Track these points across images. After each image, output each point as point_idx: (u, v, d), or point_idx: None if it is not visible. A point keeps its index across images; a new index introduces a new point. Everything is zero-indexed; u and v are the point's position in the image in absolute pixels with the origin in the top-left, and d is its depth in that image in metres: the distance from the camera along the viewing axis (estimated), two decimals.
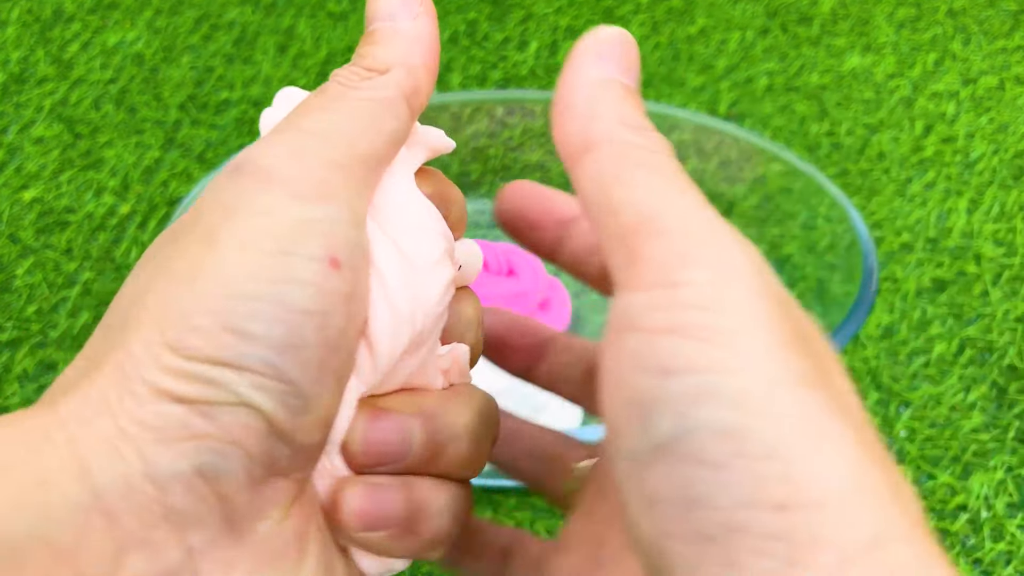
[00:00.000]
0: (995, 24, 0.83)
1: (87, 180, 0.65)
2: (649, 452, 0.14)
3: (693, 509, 0.14)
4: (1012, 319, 0.57)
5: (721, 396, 0.14)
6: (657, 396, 0.14)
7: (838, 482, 0.13)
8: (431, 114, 0.62)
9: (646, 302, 0.15)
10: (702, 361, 0.14)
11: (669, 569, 0.14)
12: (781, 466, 0.13)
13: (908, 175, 0.67)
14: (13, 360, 0.53)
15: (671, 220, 0.16)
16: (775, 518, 0.13)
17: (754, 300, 0.15)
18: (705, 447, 0.14)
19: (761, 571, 0.13)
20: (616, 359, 0.15)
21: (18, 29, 0.80)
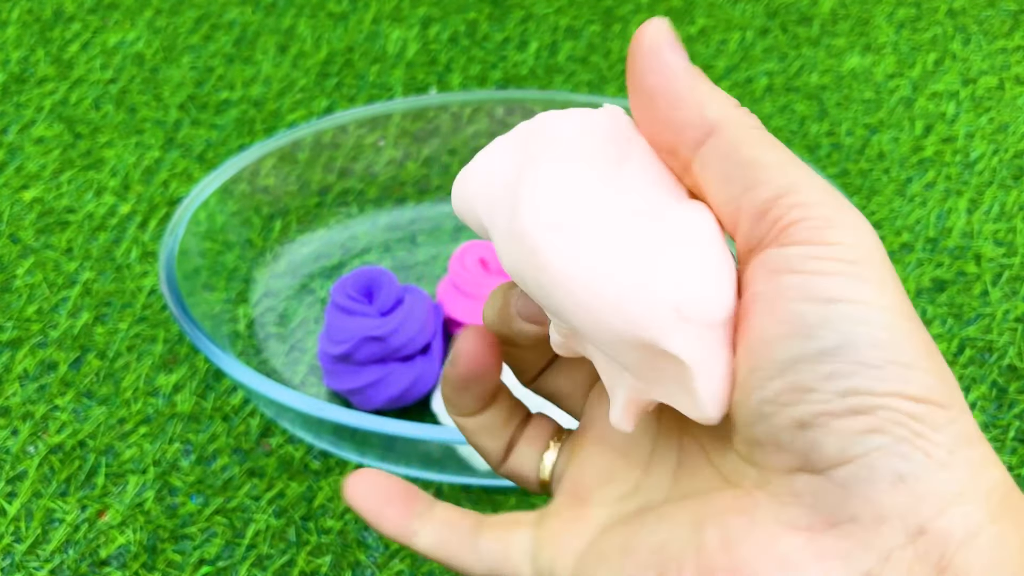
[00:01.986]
0: (995, 24, 0.83)
1: (87, 180, 0.65)
2: (813, 356, 0.18)
3: (849, 395, 0.18)
4: (1012, 319, 0.57)
5: (874, 320, 0.18)
6: (823, 316, 0.18)
7: (957, 395, 0.19)
8: (431, 114, 0.62)
9: (804, 252, 0.19)
10: (859, 295, 0.19)
11: (821, 443, 0.18)
12: (920, 374, 0.18)
13: (908, 175, 0.67)
14: (13, 360, 0.53)
15: (810, 193, 0.19)
16: (912, 405, 0.18)
17: (886, 262, 0.19)
18: (863, 354, 0.18)
19: (898, 436, 0.18)
20: (774, 292, 0.19)
21: (18, 29, 0.80)
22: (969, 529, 0.18)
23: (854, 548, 0.18)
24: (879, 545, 0.18)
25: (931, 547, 0.18)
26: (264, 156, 0.57)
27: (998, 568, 0.18)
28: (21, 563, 0.44)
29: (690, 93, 0.20)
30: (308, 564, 0.44)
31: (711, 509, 0.21)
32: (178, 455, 0.48)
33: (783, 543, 0.19)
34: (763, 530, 0.19)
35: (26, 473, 0.48)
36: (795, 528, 0.19)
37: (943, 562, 0.18)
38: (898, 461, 0.18)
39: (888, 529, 0.18)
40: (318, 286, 0.58)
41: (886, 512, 0.18)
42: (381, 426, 0.41)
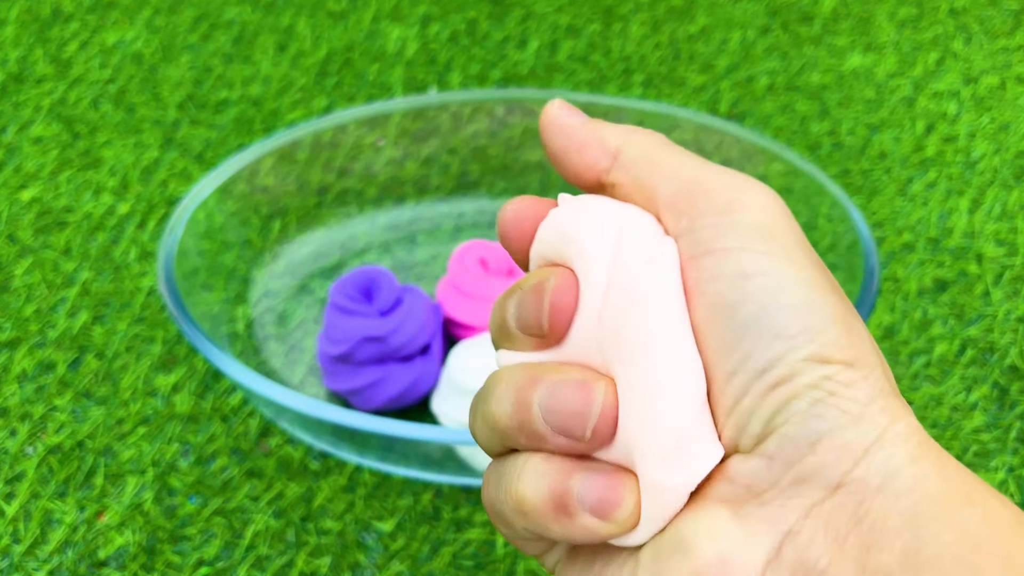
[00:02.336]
0: (996, 23, 0.83)
1: (86, 180, 0.65)
2: (732, 337, 0.19)
3: (768, 370, 0.19)
4: (1014, 319, 0.57)
5: (785, 289, 0.19)
6: (740, 293, 0.19)
7: (871, 353, 0.20)
8: (431, 114, 0.62)
9: (713, 234, 0.20)
10: (769, 266, 0.20)
11: (746, 425, 0.19)
12: (832, 336, 0.19)
13: (909, 175, 0.67)
14: (12, 360, 0.53)
15: (711, 181, 0.21)
16: (826, 368, 0.19)
17: (794, 231, 0.21)
18: (776, 322, 0.19)
19: (813, 399, 0.19)
20: (694, 277, 0.20)
21: (17, 28, 0.80)
22: (886, 473, 0.18)
23: (774, 511, 0.19)
24: (798, 504, 0.19)
25: (847, 498, 0.18)
26: (263, 156, 0.57)
27: (915, 511, 0.18)
28: (19, 564, 0.44)
29: (589, 134, 0.23)
30: (307, 565, 0.44)
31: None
32: (177, 456, 0.48)
33: (709, 515, 0.20)
34: (693, 507, 0.20)
35: (24, 474, 0.47)
36: (721, 501, 0.20)
37: (860, 511, 0.18)
38: (814, 422, 0.19)
39: (807, 488, 0.19)
40: (317, 286, 0.58)
41: (805, 473, 0.19)
42: (381, 426, 0.41)
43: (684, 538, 0.20)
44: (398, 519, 0.46)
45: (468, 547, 0.45)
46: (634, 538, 0.21)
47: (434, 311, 0.51)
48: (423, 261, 0.60)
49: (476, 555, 0.44)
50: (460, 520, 0.46)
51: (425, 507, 0.46)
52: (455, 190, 0.63)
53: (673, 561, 0.20)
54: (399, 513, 0.46)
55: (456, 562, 0.44)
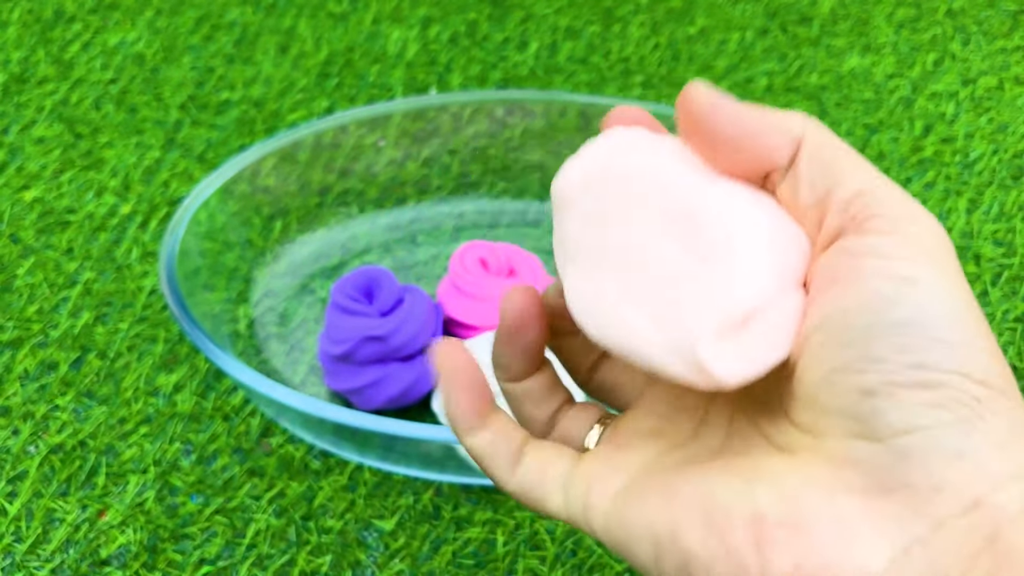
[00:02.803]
0: (994, 24, 0.83)
1: (88, 180, 0.65)
2: (887, 328, 0.19)
3: (918, 369, 0.19)
4: (1011, 319, 0.57)
5: (946, 300, 0.20)
6: (899, 292, 0.20)
7: (1013, 383, 0.20)
8: (431, 114, 0.62)
9: (883, 240, 0.20)
10: (933, 277, 0.20)
11: (884, 411, 0.19)
12: (985, 357, 0.19)
13: (908, 175, 0.67)
14: (14, 360, 0.53)
15: (888, 191, 0.21)
16: (976, 387, 0.19)
17: (954, 254, 0.21)
18: (935, 330, 0.19)
19: (959, 416, 0.19)
20: (852, 271, 0.20)
21: (19, 29, 0.80)
22: (1022, 507, 0.18)
23: (908, 513, 0.19)
24: (933, 513, 0.19)
25: (984, 519, 0.18)
26: (264, 156, 0.57)
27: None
28: (22, 563, 0.44)
29: (765, 121, 0.22)
30: (308, 564, 0.44)
31: (763, 470, 0.21)
32: (178, 455, 0.48)
33: (838, 502, 0.19)
34: (818, 489, 0.20)
35: (26, 473, 0.48)
36: (851, 490, 0.19)
37: (995, 534, 0.18)
38: (959, 437, 0.19)
39: (943, 499, 0.19)
40: (318, 286, 0.58)
41: (943, 483, 0.19)
42: (381, 426, 0.41)
43: (807, 516, 0.20)
44: (399, 518, 0.46)
45: (468, 546, 0.45)
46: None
47: (435, 311, 0.51)
48: (424, 261, 0.60)
49: (476, 554, 0.45)
50: (460, 519, 0.46)
51: (425, 506, 0.46)
52: (455, 191, 0.63)
53: (785, 529, 0.20)
54: (400, 512, 0.46)
55: (456, 560, 0.44)
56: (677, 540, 0.21)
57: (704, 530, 0.21)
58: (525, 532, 0.45)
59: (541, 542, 0.45)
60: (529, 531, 0.45)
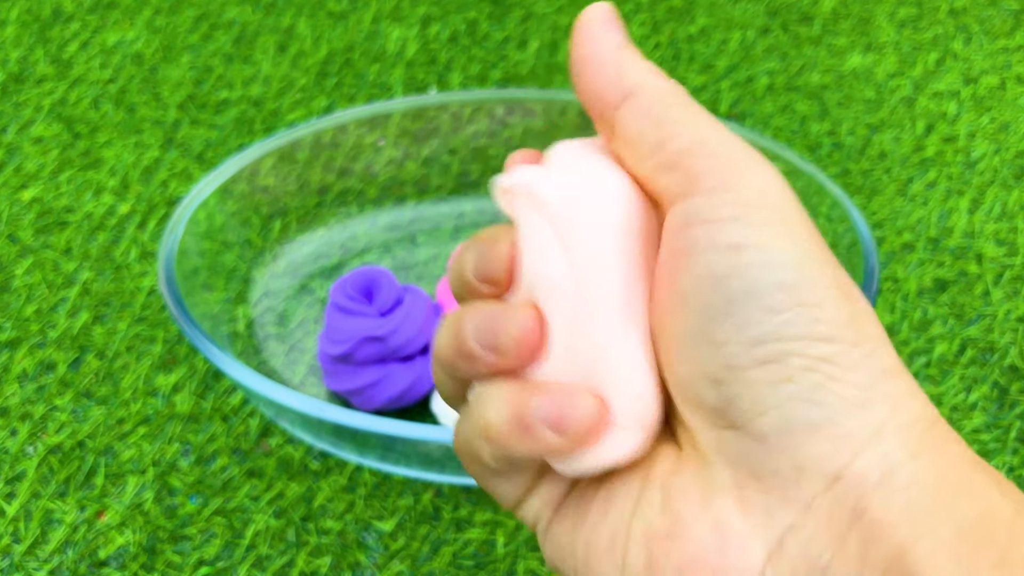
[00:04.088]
0: (996, 23, 0.83)
1: (86, 180, 0.65)
2: (722, 306, 0.19)
3: (758, 344, 0.18)
4: (1013, 319, 0.57)
5: (782, 264, 0.18)
6: (730, 266, 0.19)
7: (873, 328, 0.19)
8: (431, 114, 0.62)
9: (710, 202, 0.19)
10: (764, 239, 0.19)
11: (735, 397, 0.19)
12: (828, 312, 0.18)
13: (909, 175, 0.67)
14: (12, 360, 0.53)
15: (718, 145, 0.20)
16: (823, 347, 0.18)
17: (793, 204, 0.20)
18: (768, 298, 0.18)
19: (810, 383, 0.18)
20: (686, 246, 0.19)
21: (17, 28, 0.80)
22: (886, 469, 0.18)
23: (776, 502, 0.18)
24: (799, 496, 0.18)
25: (847, 492, 0.18)
26: (263, 156, 0.57)
27: (915, 506, 0.17)
28: (20, 564, 0.44)
29: (612, 60, 0.22)
30: (308, 565, 0.44)
31: (655, 471, 0.21)
32: (177, 455, 0.48)
33: (714, 503, 0.19)
34: (696, 490, 0.20)
35: (25, 473, 0.47)
36: (724, 487, 0.19)
37: (860, 505, 0.18)
38: (811, 408, 0.18)
39: (807, 479, 0.18)
40: (318, 286, 0.58)
41: (804, 461, 0.18)
42: (381, 426, 0.41)
43: (683, 523, 0.19)
44: (398, 519, 0.46)
45: (468, 547, 0.45)
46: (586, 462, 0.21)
47: (434, 311, 0.51)
48: (423, 261, 0.60)
49: (476, 555, 0.45)
50: (460, 520, 0.46)
51: (425, 507, 0.46)
52: (455, 190, 0.63)
53: (669, 541, 0.19)
54: (399, 513, 0.46)
55: (456, 562, 0.44)
56: (588, 564, 0.21)
57: (608, 552, 0.21)
58: (525, 533, 0.45)
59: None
60: (529, 532, 0.45)
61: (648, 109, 0.21)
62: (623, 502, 0.21)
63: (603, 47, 0.22)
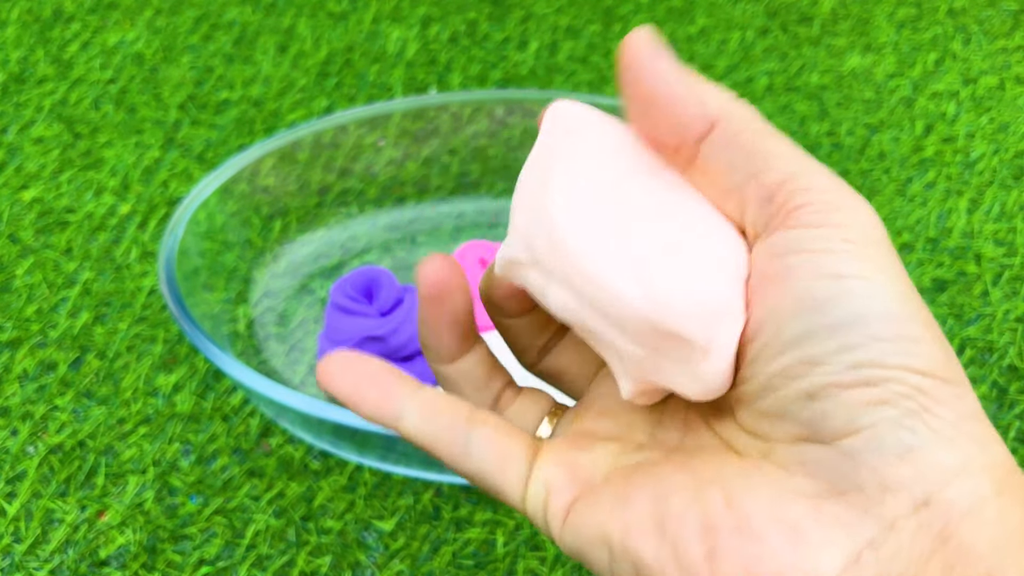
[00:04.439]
0: (995, 24, 0.83)
1: (87, 180, 0.65)
2: (824, 330, 0.19)
3: (859, 367, 0.19)
4: (1012, 319, 0.57)
5: (882, 295, 0.19)
6: (833, 291, 0.19)
7: (962, 373, 0.19)
8: (431, 114, 0.62)
9: (812, 234, 0.20)
10: (867, 272, 0.19)
11: (829, 414, 0.19)
12: (927, 348, 0.19)
13: (908, 175, 0.67)
14: (13, 360, 0.53)
15: (815, 178, 0.20)
16: (920, 379, 0.18)
17: (889, 243, 0.20)
18: (872, 327, 0.19)
19: (905, 409, 0.18)
20: (782, 270, 0.20)
21: (18, 29, 0.80)
22: (973, 501, 0.18)
23: (858, 516, 0.19)
24: (883, 514, 0.18)
25: (935, 517, 0.18)
26: (264, 156, 0.57)
27: (1001, 540, 0.18)
28: (21, 563, 0.44)
29: (688, 91, 0.21)
30: (308, 564, 0.44)
31: (715, 473, 0.21)
32: (178, 455, 0.48)
33: (788, 507, 0.19)
34: (768, 494, 0.20)
35: (26, 473, 0.48)
36: (801, 495, 0.19)
37: (946, 531, 0.18)
38: (905, 433, 0.18)
39: (893, 499, 0.18)
40: (318, 286, 0.58)
41: (891, 482, 0.18)
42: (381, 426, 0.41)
43: (754, 525, 0.19)
44: (398, 518, 0.46)
45: (468, 546, 0.45)
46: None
47: None
48: None
49: (476, 554, 0.45)
50: (460, 519, 0.46)
51: (425, 506, 0.46)
52: (455, 190, 0.63)
53: (737, 538, 0.19)
54: (399, 512, 0.46)
55: (456, 561, 0.44)
56: (629, 548, 0.21)
57: (656, 539, 0.20)
58: (525, 533, 0.45)
59: (541, 542, 0.45)
60: (529, 532, 0.45)
61: (735, 139, 0.21)
62: (678, 494, 0.21)
63: (672, 77, 0.21)
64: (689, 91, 0.21)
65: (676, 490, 0.21)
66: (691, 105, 0.21)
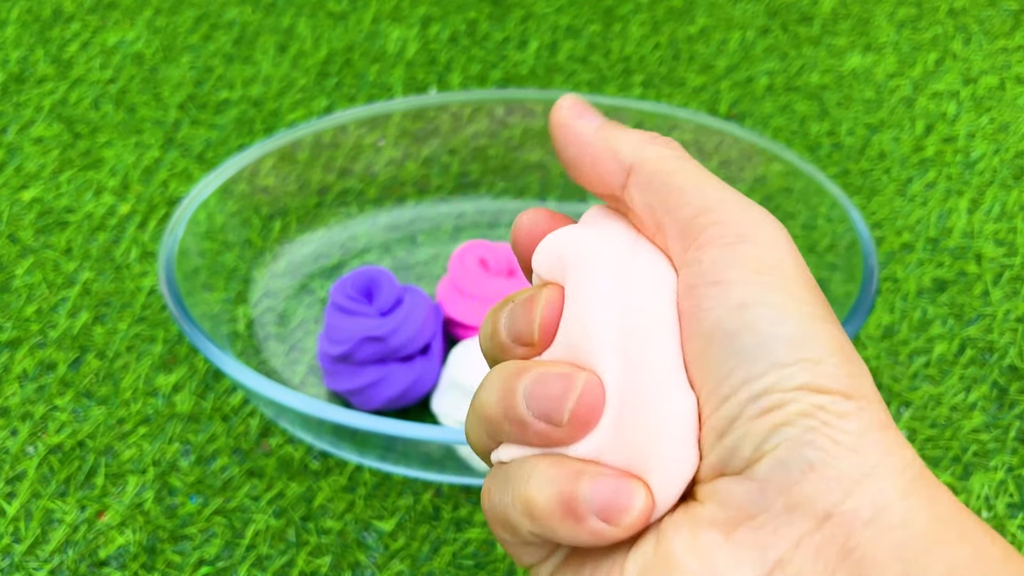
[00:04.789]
0: (996, 24, 0.83)
1: (86, 180, 0.65)
2: (730, 360, 0.20)
3: (761, 396, 0.19)
4: (1013, 319, 0.57)
5: (786, 321, 0.20)
6: (738, 322, 0.20)
7: (868, 387, 0.20)
8: (431, 114, 0.62)
9: (715, 266, 0.20)
10: (770, 299, 0.20)
11: (737, 447, 0.19)
12: (828, 367, 0.19)
13: (909, 175, 0.67)
14: (13, 360, 0.53)
15: (724, 211, 0.21)
16: (820, 397, 0.19)
17: (798, 265, 0.21)
18: (776, 353, 0.19)
19: (806, 427, 0.19)
20: (694, 306, 0.21)
21: (17, 29, 0.80)
22: (877, 507, 0.18)
23: (766, 537, 0.19)
24: (789, 533, 0.19)
25: (837, 529, 0.18)
26: (264, 156, 0.57)
27: (904, 545, 0.18)
28: (20, 563, 0.44)
29: (604, 146, 0.22)
30: (308, 564, 0.44)
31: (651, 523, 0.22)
32: (177, 455, 0.48)
33: (701, 538, 0.20)
34: (686, 529, 0.20)
35: (25, 473, 0.48)
36: (712, 524, 0.20)
37: (849, 543, 0.18)
38: (807, 449, 0.19)
39: (798, 516, 0.19)
40: (318, 286, 0.58)
41: (797, 500, 0.19)
42: (381, 426, 0.41)
43: (674, 557, 0.20)
44: (398, 518, 0.46)
45: (468, 546, 0.45)
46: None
47: (434, 311, 0.51)
48: (423, 261, 0.60)
49: (476, 554, 0.45)
50: (460, 520, 0.46)
51: (425, 507, 0.46)
52: (455, 190, 0.63)
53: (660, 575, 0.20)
54: (399, 513, 0.46)
55: (456, 561, 0.44)
56: None
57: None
58: None
59: None
60: None
61: (649, 183, 0.22)
62: (618, 547, 0.21)
63: (586, 138, 0.23)
64: (605, 146, 0.22)
65: (619, 544, 0.21)
66: (607, 159, 0.22)
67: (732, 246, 0.20)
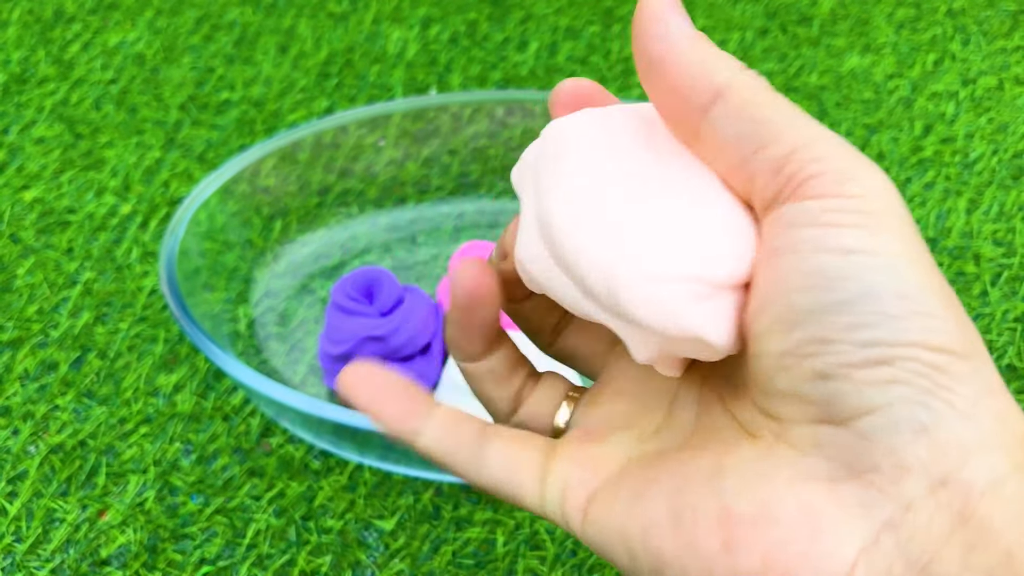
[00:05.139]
0: (994, 24, 0.83)
1: (88, 180, 0.65)
2: (834, 308, 0.18)
3: (871, 346, 0.18)
4: (1011, 319, 0.57)
5: (894, 270, 0.18)
6: (843, 267, 0.18)
7: (980, 345, 0.19)
8: (431, 114, 0.62)
9: (822, 206, 0.19)
10: (879, 246, 0.18)
11: (842, 394, 0.18)
12: (942, 323, 0.18)
13: (907, 175, 0.67)
14: (14, 360, 0.53)
15: (826, 147, 0.19)
16: (935, 356, 0.18)
17: (904, 213, 0.19)
18: (884, 304, 0.18)
19: (920, 387, 0.18)
20: (790, 244, 0.19)
21: (19, 29, 0.80)
22: (992, 479, 0.18)
23: (875, 497, 0.18)
24: (900, 494, 0.18)
25: (953, 496, 0.18)
26: (264, 156, 0.57)
27: (1020, 517, 0.18)
28: (22, 563, 0.44)
29: (696, 57, 0.20)
30: (308, 564, 0.44)
31: (730, 458, 0.21)
32: (178, 455, 0.48)
33: (804, 491, 0.19)
34: (783, 479, 0.19)
35: (27, 473, 0.48)
36: (816, 478, 0.19)
37: (966, 511, 0.18)
38: (920, 411, 0.18)
39: (910, 479, 0.18)
40: (318, 286, 0.58)
41: (908, 462, 0.18)
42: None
43: (769, 505, 0.19)
44: (399, 518, 0.46)
45: (468, 546, 0.45)
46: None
47: (435, 311, 0.51)
48: (424, 261, 0.60)
49: (476, 554, 0.45)
50: (460, 519, 0.46)
51: (426, 506, 0.46)
52: (456, 191, 0.63)
53: (753, 525, 0.19)
54: (400, 512, 0.46)
55: (456, 560, 0.44)
56: (648, 544, 0.21)
57: (673, 535, 0.20)
58: (525, 532, 0.45)
59: (541, 542, 0.45)
60: (529, 531, 0.45)
61: (742, 110, 0.20)
62: (694, 485, 0.21)
63: (679, 43, 0.20)
64: (699, 57, 0.20)
65: (691, 481, 0.21)
66: (697, 73, 0.20)
67: (837, 185, 0.19)
